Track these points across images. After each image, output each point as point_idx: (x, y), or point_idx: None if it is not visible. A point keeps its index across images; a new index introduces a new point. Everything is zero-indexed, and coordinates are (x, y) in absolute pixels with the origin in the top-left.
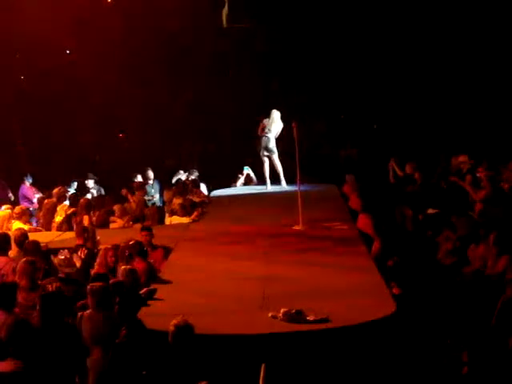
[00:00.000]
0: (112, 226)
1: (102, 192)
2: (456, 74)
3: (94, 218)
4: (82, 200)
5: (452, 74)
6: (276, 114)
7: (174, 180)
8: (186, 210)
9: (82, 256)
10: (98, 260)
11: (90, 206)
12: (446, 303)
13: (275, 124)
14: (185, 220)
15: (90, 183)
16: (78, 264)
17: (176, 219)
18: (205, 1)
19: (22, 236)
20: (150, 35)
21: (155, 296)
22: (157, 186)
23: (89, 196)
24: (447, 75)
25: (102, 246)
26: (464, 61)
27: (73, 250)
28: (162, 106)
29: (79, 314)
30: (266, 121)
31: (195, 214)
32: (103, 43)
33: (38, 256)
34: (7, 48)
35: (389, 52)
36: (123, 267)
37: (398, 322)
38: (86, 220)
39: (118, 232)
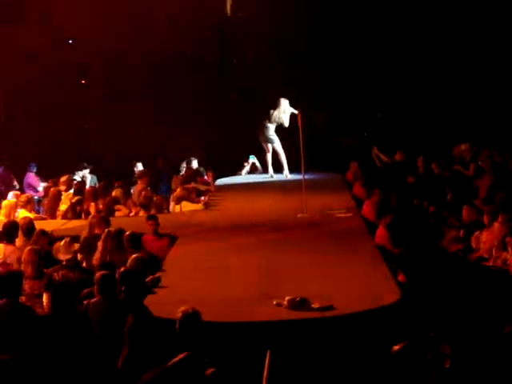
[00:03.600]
0: (117, 214)
1: (95, 181)
2: (455, 63)
3: (100, 206)
4: (87, 188)
5: (451, 63)
6: (285, 103)
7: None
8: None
9: None
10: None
11: (97, 193)
12: (441, 292)
13: (284, 114)
14: (198, 207)
15: (86, 173)
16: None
17: (188, 206)
18: None
19: (29, 224)
20: (151, 24)
21: (160, 284)
22: (165, 176)
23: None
24: (447, 64)
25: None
26: (463, 51)
27: (90, 238)
28: (166, 95)
29: (85, 302)
30: (272, 112)
31: (203, 201)
32: (105, 32)
33: (45, 244)
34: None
35: (390, 43)
36: (133, 256)
37: (403, 310)
38: (92, 208)
39: (125, 220)
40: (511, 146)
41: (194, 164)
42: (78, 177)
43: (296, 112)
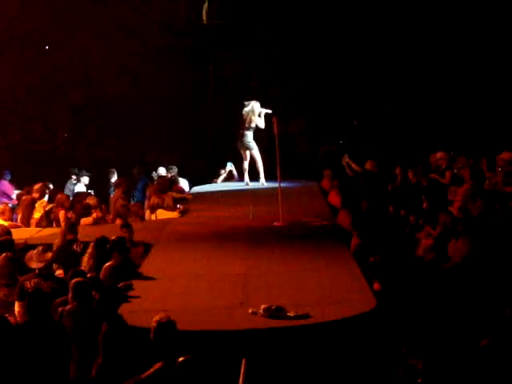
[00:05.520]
0: (86, 220)
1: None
2: (430, 73)
3: (72, 214)
4: (58, 195)
5: (426, 73)
6: (257, 106)
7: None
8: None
9: (79, 250)
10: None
11: (67, 201)
12: (416, 302)
13: (259, 118)
14: (173, 215)
15: (86, 180)
16: (58, 272)
17: (163, 214)
18: None
19: (5, 233)
20: (130, 31)
21: (135, 292)
22: (140, 184)
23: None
24: (422, 73)
25: None
26: (438, 59)
27: (65, 246)
28: (143, 101)
29: (59, 309)
30: (245, 112)
31: (179, 209)
32: (83, 39)
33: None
34: None
35: (365, 51)
36: (107, 264)
37: (378, 318)
38: (61, 215)
39: (99, 228)
40: (486, 154)
41: (174, 171)
42: (81, 184)
43: (270, 111)
